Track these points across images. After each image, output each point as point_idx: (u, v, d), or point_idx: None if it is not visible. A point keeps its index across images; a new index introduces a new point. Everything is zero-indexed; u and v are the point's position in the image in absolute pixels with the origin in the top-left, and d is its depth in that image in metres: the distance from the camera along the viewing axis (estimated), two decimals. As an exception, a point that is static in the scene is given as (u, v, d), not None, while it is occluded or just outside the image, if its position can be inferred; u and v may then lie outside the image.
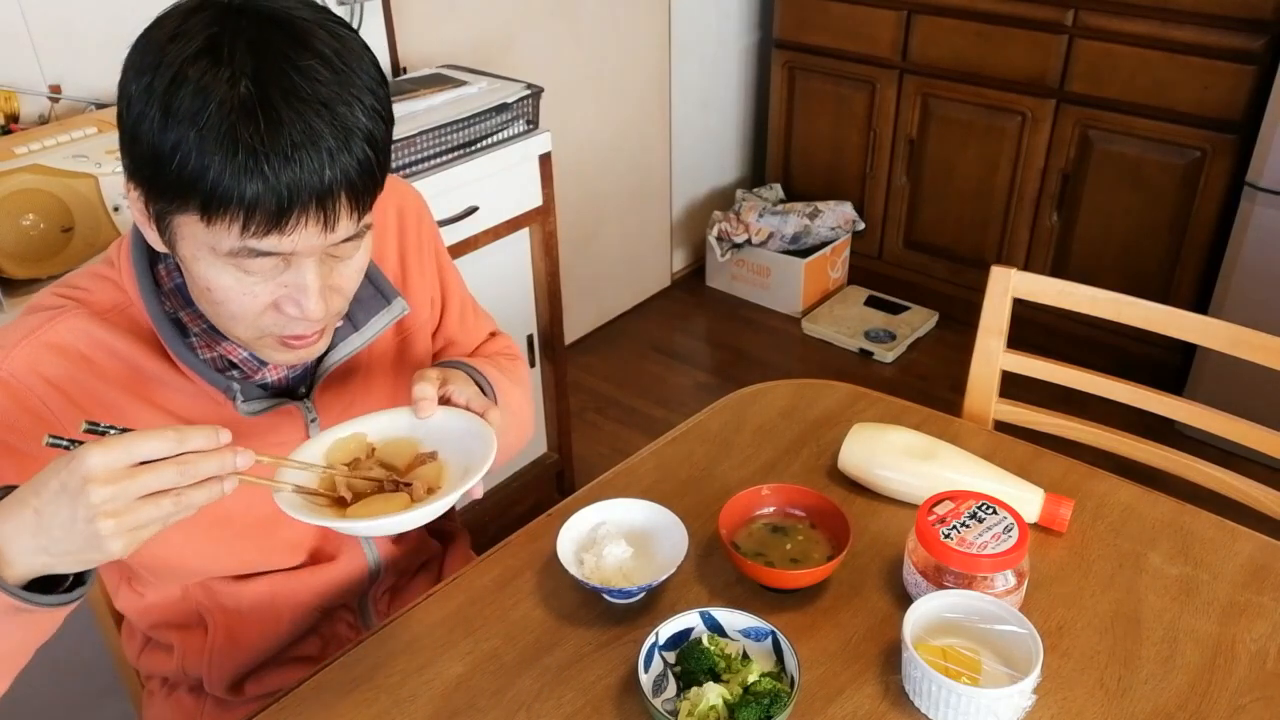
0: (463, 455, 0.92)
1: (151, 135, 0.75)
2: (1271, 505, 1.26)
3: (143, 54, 0.77)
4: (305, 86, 0.76)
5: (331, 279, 0.86)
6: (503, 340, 1.27)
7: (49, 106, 1.68)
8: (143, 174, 0.79)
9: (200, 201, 0.76)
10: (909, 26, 2.94)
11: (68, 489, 0.68)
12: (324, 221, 0.79)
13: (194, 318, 0.93)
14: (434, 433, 0.95)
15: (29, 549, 0.71)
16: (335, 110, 0.77)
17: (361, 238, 0.86)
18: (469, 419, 0.95)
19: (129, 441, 0.69)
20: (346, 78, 0.78)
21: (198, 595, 1.08)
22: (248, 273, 0.82)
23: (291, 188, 0.75)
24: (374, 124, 0.80)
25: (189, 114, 0.74)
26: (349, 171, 0.78)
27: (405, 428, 0.95)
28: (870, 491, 1.20)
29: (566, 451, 2.47)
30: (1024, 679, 0.89)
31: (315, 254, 0.82)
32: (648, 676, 0.93)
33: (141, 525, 0.70)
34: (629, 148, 3.06)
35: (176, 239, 0.82)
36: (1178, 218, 2.64)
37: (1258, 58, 2.39)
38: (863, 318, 3.20)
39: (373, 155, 0.80)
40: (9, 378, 0.87)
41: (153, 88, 0.75)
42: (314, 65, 0.77)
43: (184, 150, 0.74)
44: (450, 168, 1.92)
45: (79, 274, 0.95)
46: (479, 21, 2.49)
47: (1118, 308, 1.32)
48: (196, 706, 1.15)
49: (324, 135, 0.76)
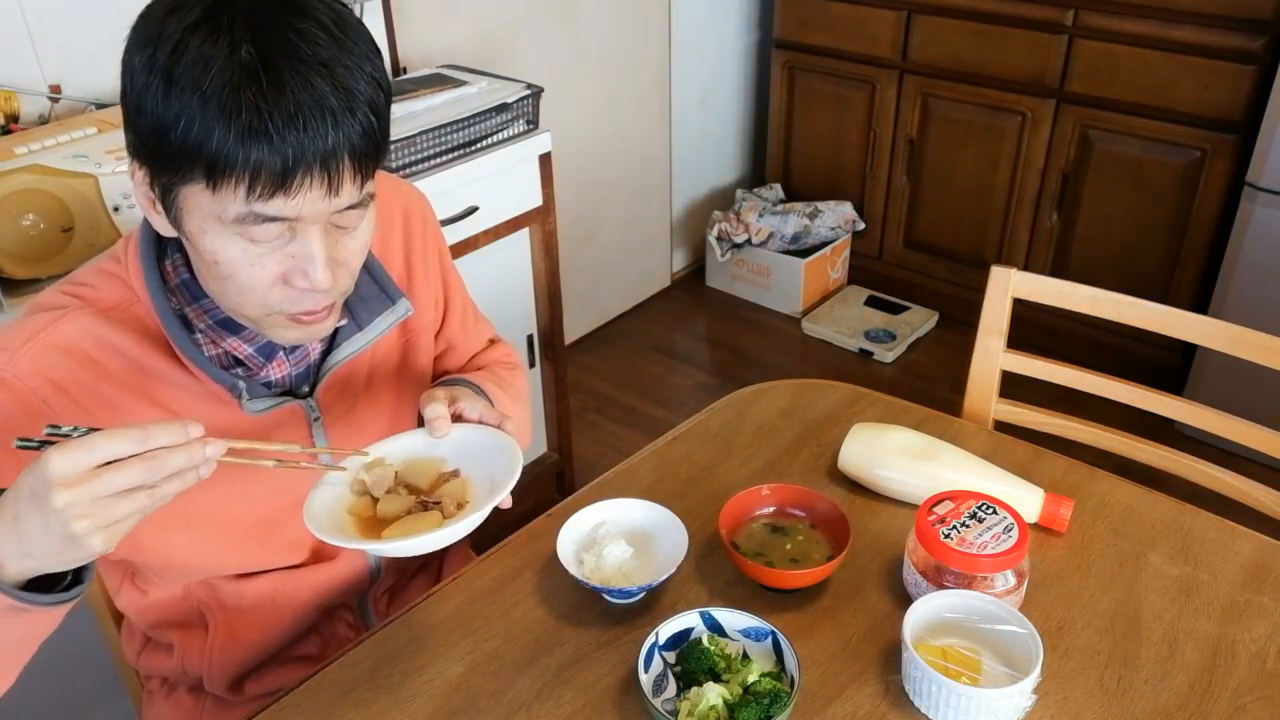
0: (485, 468, 0.93)
1: (155, 105, 0.76)
2: (1271, 505, 1.26)
3: (143, 28, 0.78)
4: (306, 49, 0.77)
5: (337, 251, 0.86)
6: (502, 348, 1.27)
7: (49, 106, 1.68)
8: (147, 147, 0.80)
9: (205, 167, 0.76)
10: (909, 26, 2.94)
11: (36, 495, 0.68)
12: (328, 184, 0.79)
13: (200, 313, 0.93)
14: (453, 451, 0.96)
15: (14, 553, 0.71)
16: (335, 71, 0.78)
17: (365, 207, 0.86)
18: (487, 432, 0.96)
19: (91, 443, 0.68)
20: (346, 44, 0.79)
21: (199, 593, 1.08)
22: (254, 241, 0.82)
23: (296, 149, 0.76)
24: (374, 91, 0.81)
25: (191, 81, 0.75)
26: (352, 134, 0.79)
27: (423, 448, 0.96)
28: (870, 491, 1.20)
29: (566, 451, 2.47)
30: (1024, 679, 0.89)
31: (320, 221, 0.83)
32: (648, 676, 0.93)
33: (117, 520, 0.70)
34: (629, 148, 3.06)
35: (183, 213, 0.82)
36: (1178, 218, 2.64)
37: (1258, 58, 2.39)
38: (863, 318, 3.20)
39: (374, 120, 0.81)
40: (13, 379, 0.87)
41: (154, 59, 0.76)
42: (312, 29, 0.78)
43: (188, 116, 0.75)
44: (450, 168, 1.92)
45: (85, 270, 0.95)
46: (479, 21, 2.49)
47: (1118, 308, 1.32)
48: (196, 706, 1.16)
49: (326, 95, 0.77)
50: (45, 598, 0.75)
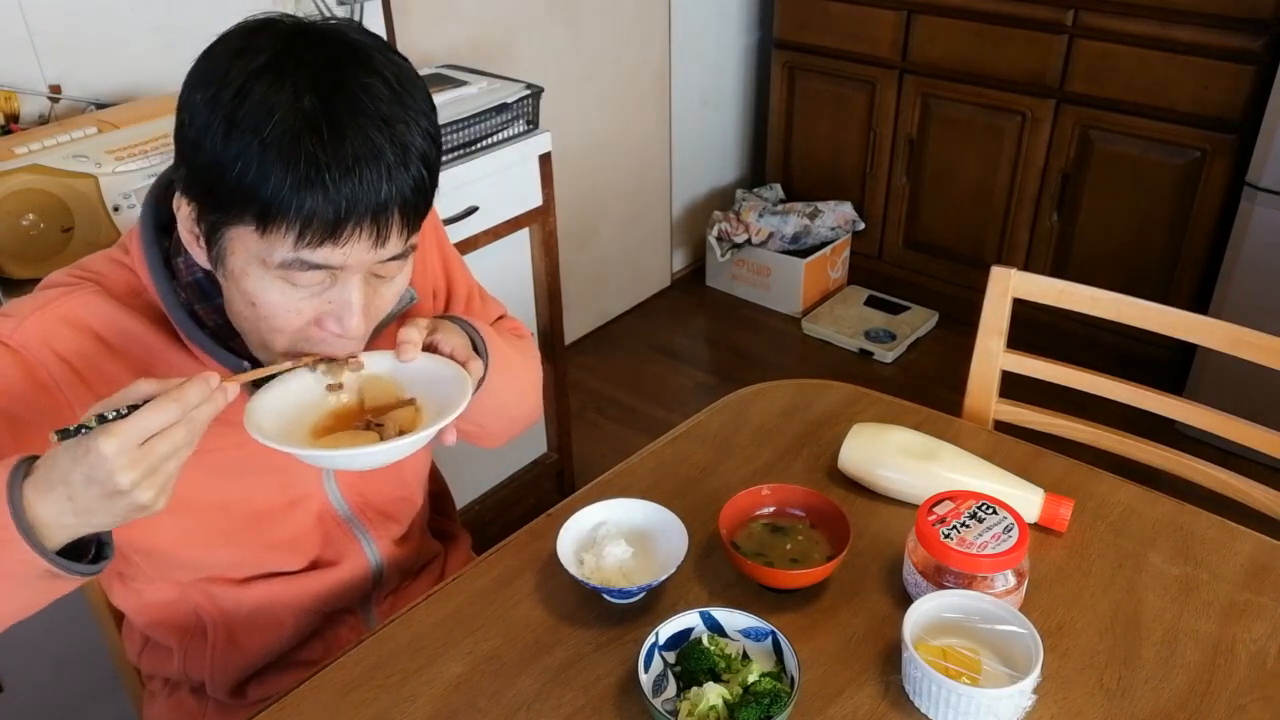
0: (440, 403, 0.92)
1: (214, 145, 0.77)
2: (1271, 505, 1.26)
3: (206, 68, 0.80)
4: (368, 103, 0.78)
5: (373, 299, 0.88)
6: (511, 321, 1.27)
7: (49, 106, 1.68)
8: (201, 184, 0.81)
9: (258, 210, 0.77)
10: (909, 26, 2.94)
11: (96, 479, 0.72)
12: (376, 236, 0.81)
13: (209, 312, 0.94)
14: (415, 378, 0.95)
15: (73, 525, 0.76)
16: (395, 128, 0.79)
17: (406, 258, 0.88)
18: (450, 366, 0.95)
19: (136, 422, 0.73)
20: (405, 99, 0.81)
21: (196, 598, 1.08)
22: (295, 285, 0.83)
23: (349, 199, 0.77)
24: (428, 145, 0.83)
25: (253, 125, 0.76)
26: (404, 188, 0.80)
27: (386, 369, 0.95)
28: (870, 491, 1.20)
29: (566, 451, 2.47)
30: (1024, 679, 0.89)
31: (363, 270, 0.84)
32: (648, 676, 0.93)
33: (171, 475, 0.76)
34: (629, 148, 3.06)
35: (227, 253, 0.83)
36: (1177, 218, 2.64)
37: (1257, 58, 2.40)
38: (863, 318, 3.20)
39: (427, 175, 0.83)
40: (19, 348, 0.87)
41: (218, 99, 0.77)
42: (375, 84, 0.79)
43: (246, 159, 0.76)
44: (450, 168, 1.92)
45: (94, 258, 0.96)
46: (479, 21, 2.49)
47: (1118, 308, 1.32)
48: (199, 708, 1.15)
49: (384, 150, 0.78)
50: (82, 566, 0.79)
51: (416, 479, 1.19)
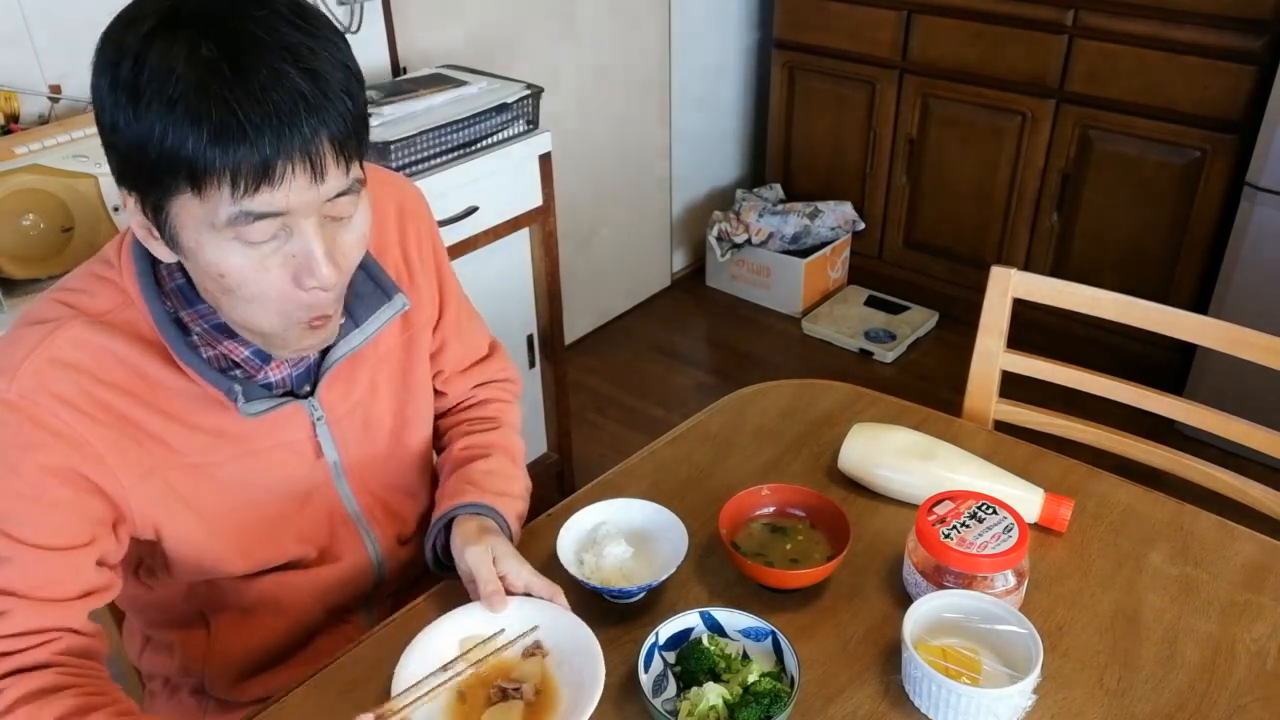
0: (549, 627, 0.98)
1: (128, 123, 0.76)
2: (1271, 505, 1.26)
3: (104, 50, 0.79)
4: (267, 37, 0.76)
5: (335, 247, 0.85)
6: (497, 363, 1.26)
7: (49, 106, 1.68)
8: (131, 169, 0.79)
9: (188, 173, 0.76)
10: (909, 26, 2.94)
11: None
12: (312, 172, 0.79)
13: (195, 317, 0.93)
14: (518, 621, 0.99)
15: None
16: (300, 53, 0.77)
17: (356, 194, 0.85)
18: (552, 610, 0.99)
19: None
20: (305, 26, 0.79)
21: (202, 591, 1.08)
22: (251, 244, 0.81)
23: (273, 140, 0.76)
24: (344, 73, 0.80)
25: (158, 89, 0.74)
26: (328, 119, 0.78)
27: (482, 626, 0.99)
28: (870, 491, 1.20)
29: (566, 451, 2.47)
30: (1024, 679, 0.89)
31: (313, 214, 0.82)
32: (648, 676, 0.93)
33: None
34: (629, 148, 3.06)
35: (177, 230, 0.82)
36: (1178, 218, 2.64)
37: (1257, 58, 2.39)
38: (863, 318, 3.20)
39: (350, 102, 0.80)
40: (17, 399, 0.86)
41: (118, 76, 0.76)
42: (269, 16, 0.77)
43: (161, 126, 0.75)
44: (450, 168, 1.92)
45: (76, 275, 0.94)
46: (479, 21, 2.49)
47: (1118, 308, 1.32)
48: (199, 708, 1.15)
49: (293, 78, 0.76)
50: None
51: (422, 478, 1.19)
